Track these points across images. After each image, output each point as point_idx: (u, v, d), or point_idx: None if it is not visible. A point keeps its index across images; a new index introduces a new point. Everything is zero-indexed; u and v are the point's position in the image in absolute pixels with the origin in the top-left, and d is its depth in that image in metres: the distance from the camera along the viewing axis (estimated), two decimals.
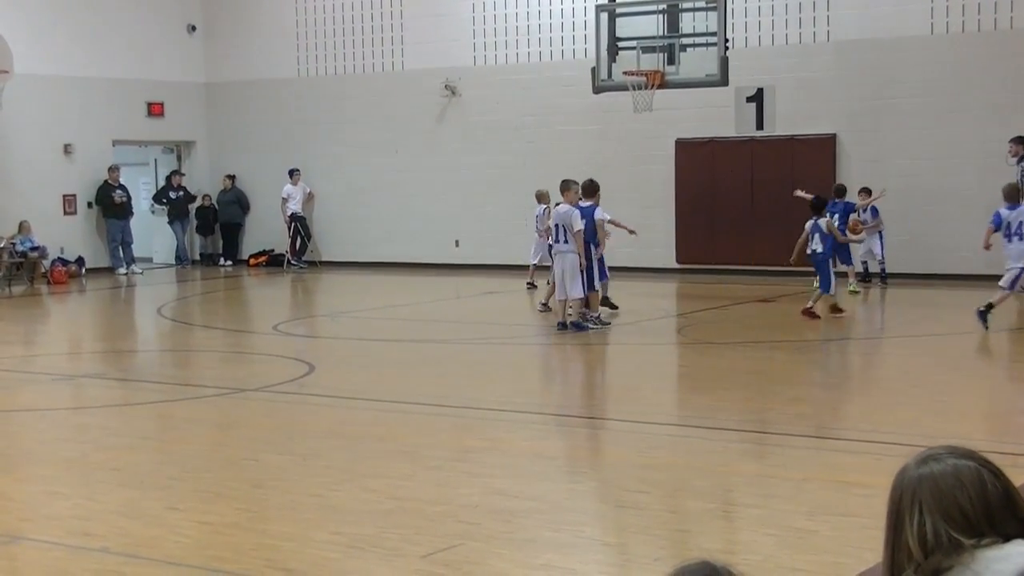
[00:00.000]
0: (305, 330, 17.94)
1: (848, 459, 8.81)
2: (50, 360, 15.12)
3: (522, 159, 24.52)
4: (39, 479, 8.80)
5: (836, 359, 14.62)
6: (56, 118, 25.49)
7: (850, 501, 7.56)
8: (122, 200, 26.27)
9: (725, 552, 6.49)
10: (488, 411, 10.90)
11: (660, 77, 19.19)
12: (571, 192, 15.75)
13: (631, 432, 9.97)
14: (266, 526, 7.30)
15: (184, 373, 14.25)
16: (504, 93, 24.68)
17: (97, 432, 10.51)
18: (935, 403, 10.93)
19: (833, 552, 6.56)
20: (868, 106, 21.54)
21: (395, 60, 26.05)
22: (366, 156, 26.41)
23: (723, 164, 22.54)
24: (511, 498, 7.73)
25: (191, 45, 28.15)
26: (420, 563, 6.49)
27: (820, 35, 21.89)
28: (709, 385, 12.44)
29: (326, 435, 10.02)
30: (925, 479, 2.69)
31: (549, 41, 24.28)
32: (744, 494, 8.04)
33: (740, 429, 10.11)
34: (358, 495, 7.93)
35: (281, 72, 27.32)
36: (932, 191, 21.04)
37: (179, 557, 6.71)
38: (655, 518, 7.47)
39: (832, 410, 11.20)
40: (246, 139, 27.99)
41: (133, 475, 8.67)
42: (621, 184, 22.83)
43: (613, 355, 15.03)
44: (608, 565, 6.75)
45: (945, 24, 20.87)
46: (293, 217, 26.85)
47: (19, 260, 24.31)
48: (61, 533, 7.27)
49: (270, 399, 11.71)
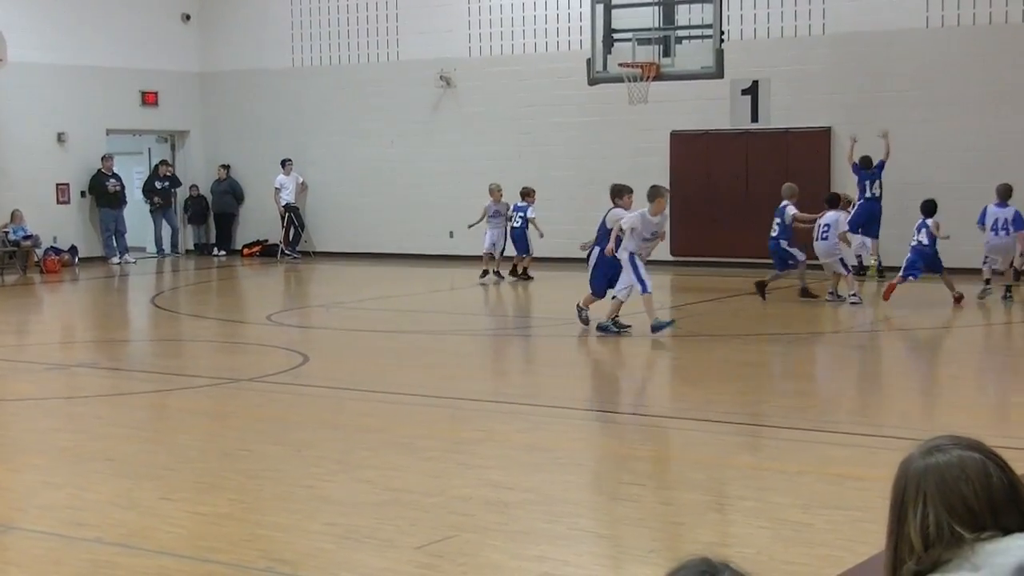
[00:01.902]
0: (299, 320, 17.91)
1: (843, 452, 8.81)
2: (43, 349, 15.09)
3: (517, 150, 24.50)
4: (32, 469, 8.78)
5: (832, 352, 14.61)
6: (50, 107, 25.43)
7: (845, 494, 7.56)
8: (115, 189, 26.22)
9: (719, 545, 6.49)
10: (482, 402, 10.89)
11: (655, 69, 19.17)
12: (627, 197, 15.61)
13: (626, 424, 9.96)
14: (260, 517, 7.28)
15: (178, 363, 14.23)
16: (499, 84, 24.65)
17: (90, 422, 10.49)
18: (931, 396, 10.94)
19: (828, 545, 6.56)
20: (863, 99, 21.53)
21: (390, 50, 26.01)
22: (361, 146, 26.37)
23: (718, 156, 22.54)
24: (505, 490, 7.72)
25: (186, 34, 28.09)
26: (414, 554, 6.48)
27: (816, 28, 21.88)
28: (704, 378, 12.44)
29: (320, 426, 10.01)
30: (930, 470, 2.65)
31: (545, 32, 24.26)
32: (739, 487, 8.04)
33: (735, 422, 10.11)
34: (352, 486, 7.92)
35: (276, 62, 27.27)
36: (926, 184, 21.01)
37: (172, 547, 6.70)
38: (649, 510, 7.46)
39: (828, 403, 11.19)
40: (240, 129, 27.94)
41: (126, 465, 8.65)
42: (616, 176, 22.73)
43: (608, 348, 15.01)
44: (602, 557, 6.74)
45: (941, 17, 20.87)
46: (287, 207, 26.81)
47: (12, 249, 24.26)
48: (54, 523, 7.25)
49: (264, 389, 11.69)
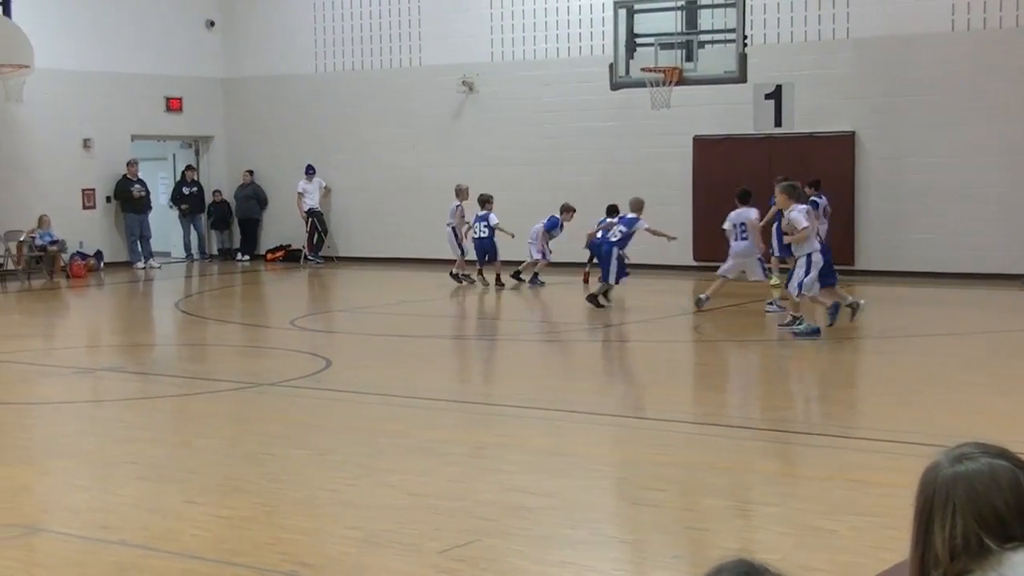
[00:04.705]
0: (322, 325, 17.96)
1: (866, 458, 8.78)
2: (69, 353, 15.17)
3: (539, 155, 24.50)
4: (58, 471, 8.83)
5: (854, 357, 14.56)
6: (75, 113, 25.58)
7: (868, 500, 7.53)
8: (140, 195, 26.34)
9: (742, 551, 6.47)
10: (504, 407, 10.89)
11: (678, 73, 19.15)
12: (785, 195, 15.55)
13: (648, 429, 9.96)
14: (283, 520, 7.30)
15: (201, 367, 14.28)
16: (522, 89, 24.66)
17: (115, 425, 10.55)
18: (954, 402, 10.89)
19: (851, 552, 6.54)
20: (887, 103, 21.46)
21: (412, 56, 26.06)
22: (383, 152, 26.42)
23: (741, 161, 22.47)
24: (528, 494, 7.72)
25: (209, 40, 28.20)
26: (437, 559, 6.49)
27: (839, 32, 21.82)
28: (726, 383, 12.42)
29: (342, 430, 10.03)
30: (960, 479, 2.58)
31: (567, 37, 24.26)
32: (761, 493, 8.02)
33: (757, 427, 10.10)
34: (374, 490, 7.94)
35: (299, 68, 27.35)
36: (951, 189, 20.95)
37: (196, 550, 6.73)
38: (672, 516, 7.46)
39: (850, 409, 11.16)
40: (264, 134, 28.04)
41: (151, 468, 8.70)
42: (638, 181, 22.79)
43: (630, 352, 15.01)
44: (625, 563, 6.74)
45: (966, 20, 20.78)
46: (310, 212, 26.89)
47: (38, 254, 24.39)
48: (79, 525, 7.29)
49: (287, 394, 11.72)
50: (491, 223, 21.69)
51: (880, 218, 21.63)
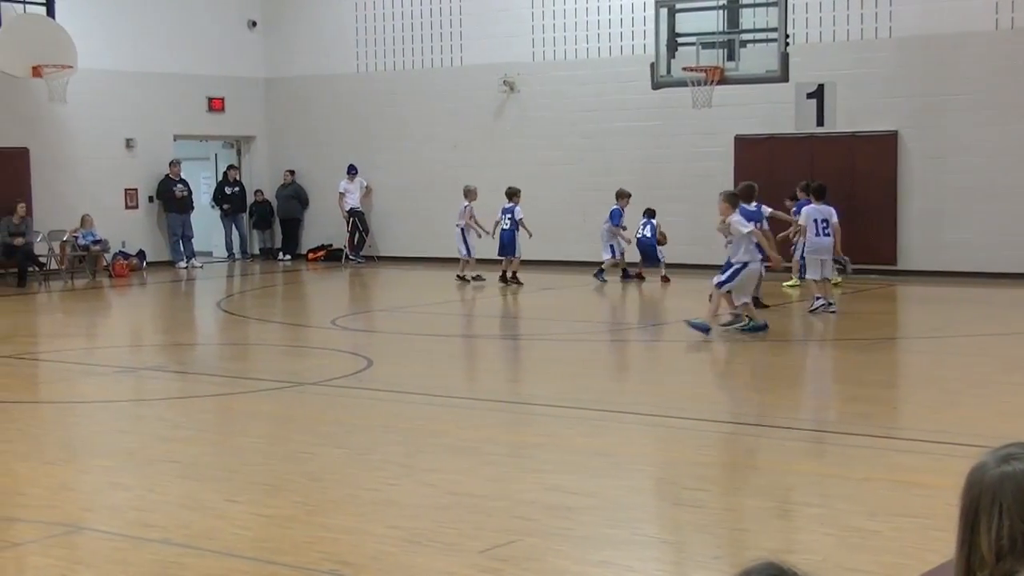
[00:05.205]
0: (363, 325, 18.00)
1: (909, 459, 8.71)
2: (111, 352, 15.27)
3: (580, 155, 24.48)
4: (100, 470, 8.89)
5: (895, 358, 14.46)
6: (118, 113, 25.76)
7: (912, 501, 7.47)
8: (183, 194, 26.52)
9: (784, 551, 6.44)
10: (545, 407, 10.88)
11: (720, 73, 19.10)
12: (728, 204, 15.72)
13: (689, 429, 9.92)
14: (324, 519, 7.32)
15: (243, 366, 14.34)
16: (563, 89, 24.64)
17: (157, 424, 10.61)
18: (998, 403, 10.79)
19: (894, 553, 6.48)
20: (930, 103, 21.30)
21: (454, 56, 26.09)
22: (424, 151, 26.47)
23: (782, 161, 22.36)
24: (568, 494, 7.71)
25: (251, 41, 28.34)
26: (478, 558, 6.48)
27: (882, 31, 21.68)
28: (767, 383, 12.36)
29: (383, 429, 10.05)
30: (1007, 479, 2.54)
31: (608, 37, 24.21)
32: (803, 493, 7.98)
33: (798, 428, 10.04)
34: (415, 489, 7.94)
35: (340, 68, 27.44)
36: (994, 189, 20.77)
37: (237, 549, 6.75)
38: (713, 516, 7.42)
39: (892, 409, 11.08)
40: (305, 134, 28.15)
41: (192, 467, 8.74)
42: (679, 180, 22.74)
43: (670, 353, 14.96)
44: (666, 563, 6.71)
45: (1010, 19, 20.59)
46: (351, 212, 26.98)
47: (81, 253, 24.58)
48: (121, 524, 7.33)
49: (328, 393, 11.75)
50: (516, 216, 21.78)
51: (923, 218, 21.48)
